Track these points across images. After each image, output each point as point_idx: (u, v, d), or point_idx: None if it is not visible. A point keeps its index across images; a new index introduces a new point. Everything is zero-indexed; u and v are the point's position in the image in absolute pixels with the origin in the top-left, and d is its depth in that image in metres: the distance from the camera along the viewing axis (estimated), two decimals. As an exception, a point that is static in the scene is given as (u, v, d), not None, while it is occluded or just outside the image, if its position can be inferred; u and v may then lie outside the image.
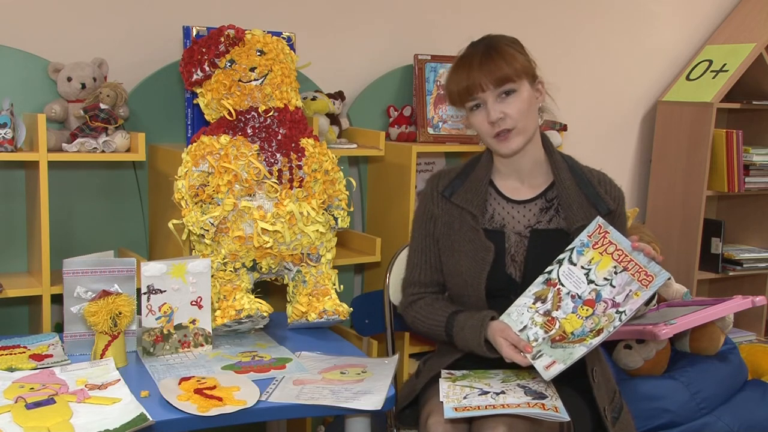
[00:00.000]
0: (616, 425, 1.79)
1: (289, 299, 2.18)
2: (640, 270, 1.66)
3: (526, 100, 1.79)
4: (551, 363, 1.64)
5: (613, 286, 1.68)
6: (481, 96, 1.78)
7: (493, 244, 1.82)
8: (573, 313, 1.70)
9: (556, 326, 1.70)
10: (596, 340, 1.64)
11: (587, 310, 1.69)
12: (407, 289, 1.96)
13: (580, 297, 1.71)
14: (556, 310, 1.72)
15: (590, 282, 1.71)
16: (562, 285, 1.73)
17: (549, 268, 1.76)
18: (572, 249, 1.75)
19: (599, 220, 1.74)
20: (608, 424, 1.76)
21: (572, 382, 1.78)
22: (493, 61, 1.77)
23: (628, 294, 1.66)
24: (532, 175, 1.89)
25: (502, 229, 1.86)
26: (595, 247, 1.72)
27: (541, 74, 1.85)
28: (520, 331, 1.73)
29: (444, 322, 1.83)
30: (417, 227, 1.94)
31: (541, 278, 1.76)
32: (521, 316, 1.74)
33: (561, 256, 1.75)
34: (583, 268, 1.72)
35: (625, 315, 1.64)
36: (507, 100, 1.78)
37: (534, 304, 1.74)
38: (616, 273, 1.69)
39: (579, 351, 1.64)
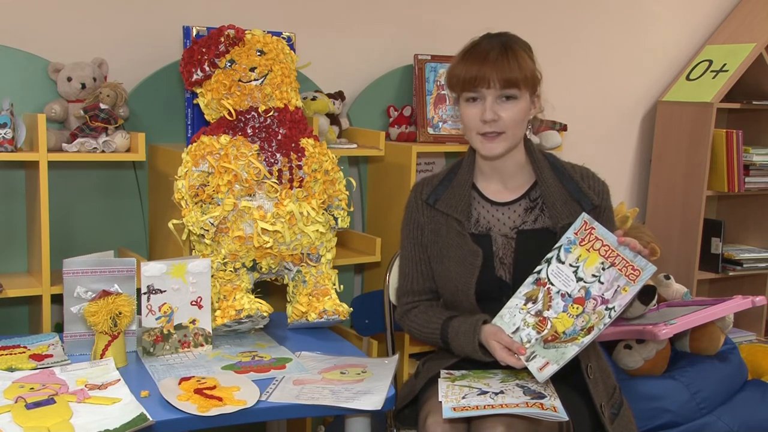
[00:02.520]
0: (615, 422, 1.79)
1: (289, 299, 2.18)
2: (627, 265, 1.66)
3: (522, 110, 1.79)
4: (545, 364, 1.65)
5: (602, 283, 1.68)
6: (484, 91, 1.78)
7: (481, 247, 1.82)
8: (564, 312, 1.70)
9: (548, 326, 1.70)
10: (587, 339, 1.64)
11: (577, 308, 1.69)
12: (401, 298, 1.96)
13: (570, 295, 1.71)
14: (547, 309, 1.72)
15: (579, 279, 1.70)
16: (552, 284, 1.73)
17: (538, 268, 1.76)
18: (560, 247, 1.75)
19: (585, 216, 1.74)
20: (605, 420, 1.75)
21: (571, 381, 1.78)
22: (507, 61, 1.76)
23: (616, 290, 1.66)
24: (515, 177, 1.89)
25: (488, 232, 1.86)
26: (581, 243, 1.72)
27: (540, 88, 1.85)
28: (513, 333, 1.73)
29: (439, 329, 1.83)
30: (405, 237, 1.94)
31: (530, 278, 1.76)
32: (513, 318, 1.74)
33: (549, 255, 1.75)
34: (571, 265, 1.72)
35: (615, 311, 1.64)
36: (505, 105, 1.78)
37: (525, 305, 1.74)
38: (603, 269, 1.68)
39: (571, 350, 1.64)
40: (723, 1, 3.67)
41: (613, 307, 1.65)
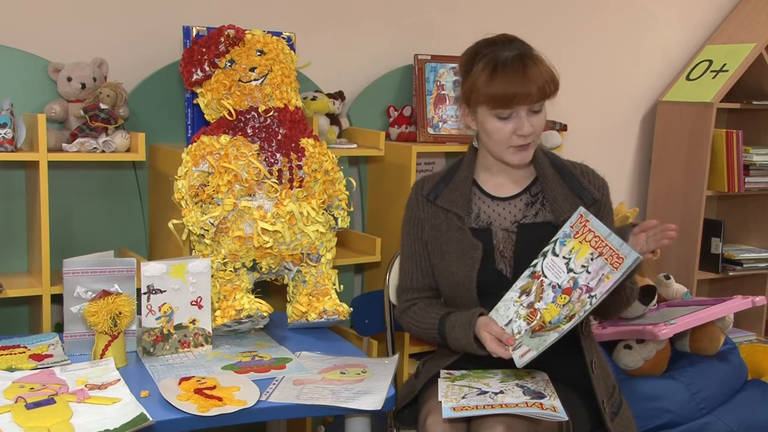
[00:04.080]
0: (615, 421, 1.80)
1: (289, 299, 2.18)
2: (612, 253, 1.66)
3: (545, 117, 1.82)
4: (526, 351, 1.65)
5: (589, 273, 1.69)
6: (518, 107, 1.77)
7: (481, 241, 1.83)
8: (553, 302, 1.71)
9: (537, 317, 1.71)
10: (567, 326, 1.64)
11: (565, 298, 1.70)
12: (401, 295, 1.97)
13: (559, 286, 1.72)
14: (539, 301, 1.73)
15: (569, 270, 1.71)
16: (545, 277, 1.74)
17: (534, 261, 1.77)
18: (556, 240, 1.76)
19: (581, 209, 1.75)
20: (606, 417, 1.76)
21: (571, 381, 1.79)
22: (542, 77, 1.76)
23: (600, 278, 1.66)
24: (516, 172, 1.90)
25: (488, 227, 1.87)
26: (576, 236, 1.73)
27: None
28: (506, 324, 1.74)
29: (437, 324, 1.84)
30: (406, 234, 1.95)
31: (527, 272, 1.77)
32: (507, 311, 1.75)
33: (545, 249, 1.77)
34: (564, 258, 1.73)
35: (596, 299, 1.64)
36: (535, 116, 1.79)
37: (519, 297, 1.75)
38: (592, 259, 1.69)
39: (551, 337, 1.64)
40: (723, 1, 3.67)
41: (595, 295, 1.66)
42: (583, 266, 1.70)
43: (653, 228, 1.72)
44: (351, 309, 2.17)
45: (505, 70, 1.77)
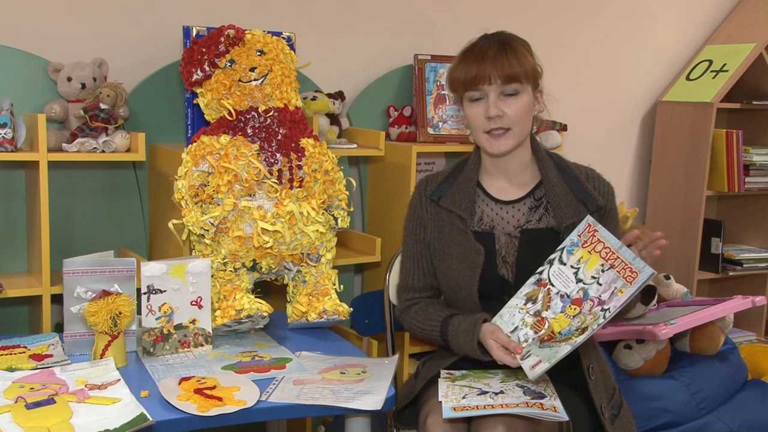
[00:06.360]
0: (615, 423, 1.79)
1: (289, 299, 2.18)
2: (625, 267, 1.66)
3: (525, 105, 1.80)
4: (537, 362, 1.65)
5: (600, 285, 1.68)
6: (486, 89, 1.78)
7: (483, 246, 1.82)
8: (561, 312, 1.70)
9: (546, 326, 1.70)
10: (581, 339, 1.64)
11: (575, 309, 1.69)
12: (402, 294, 1.97)
13: (568, 296, 1.71)
14: (546, 310, 1.72)
15: (578, 281, 1.70)
16: (552, 285, 1.73)
17: (540, 269, 1.76)
18: (563, 248, 1.75)
19: (589, 218, 1.74)
20: (606, 422, 1.75)
21: (571, 382, 1.79)
22: (506, 57, 1.77)
23: (613, 291, 1.66)
24: (520, 175, 1.89)
25: (491, 230, 1.86)
26: (584, 245, 1.72)
27: (543, 83, 1.86)
28: (511, 332, 1.73)
29: (438, 327, 1.83)
30: (408, 233, 1.94)
31: (532, 279, 1.76)
32: (513, 318, 1.75)
33: (552, 256, 1.75)
34: (572, 267, 1.72)
35: (609, 312, 1.64)
36: (508, 101, 1.78)
37: (525, 304, 1.75)
38: (603, 271, 1.68)
39: (564, 350, 1.64)
40: (723, 1, 3.67)
41: (608, 309, 1.65)
42: (593, 277, 1.69)
43: (641, 240, 1.71)
44: (351, 309, 2.17)
45: (472, 53, 1.81)
